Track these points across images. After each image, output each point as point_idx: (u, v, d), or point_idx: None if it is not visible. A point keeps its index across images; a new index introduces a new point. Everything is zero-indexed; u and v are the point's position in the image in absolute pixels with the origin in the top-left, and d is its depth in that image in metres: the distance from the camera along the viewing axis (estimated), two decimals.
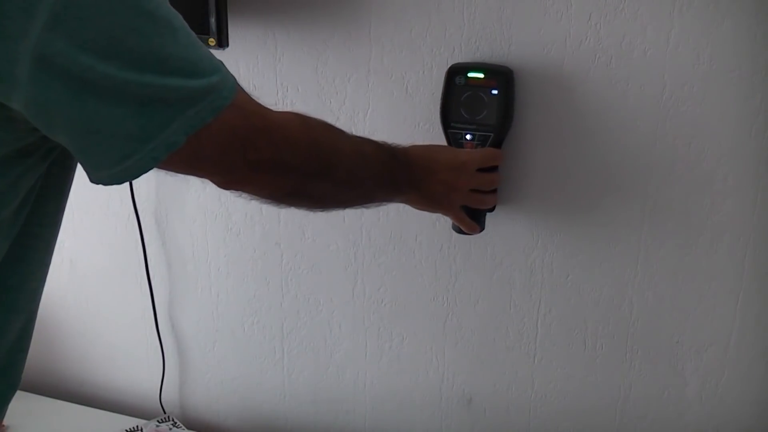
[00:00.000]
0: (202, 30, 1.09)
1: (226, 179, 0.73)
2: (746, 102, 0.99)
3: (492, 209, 1.12)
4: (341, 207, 0.94)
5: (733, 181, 1.03)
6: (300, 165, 0.77)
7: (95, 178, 0.65)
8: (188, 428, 1.40)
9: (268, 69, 1.20)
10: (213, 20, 1.08)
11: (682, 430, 1.15)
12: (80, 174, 0.72)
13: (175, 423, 1.40)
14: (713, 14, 0.97)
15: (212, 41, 1.09)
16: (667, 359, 1.13)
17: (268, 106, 0.74)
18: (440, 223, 1.18)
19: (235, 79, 0.68)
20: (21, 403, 1.47)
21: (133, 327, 1.45)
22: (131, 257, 1.39)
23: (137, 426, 1.39)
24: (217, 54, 1.21)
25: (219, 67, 0.67)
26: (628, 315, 1.13)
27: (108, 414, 1.46)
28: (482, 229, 1.12)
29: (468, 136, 1.07)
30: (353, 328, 1.29)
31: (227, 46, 1.10)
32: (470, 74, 1.07)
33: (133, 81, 0.60)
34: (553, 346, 1.18)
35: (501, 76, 1.06)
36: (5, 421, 1.40)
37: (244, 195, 0.77)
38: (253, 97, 0.71)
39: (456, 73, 1.08)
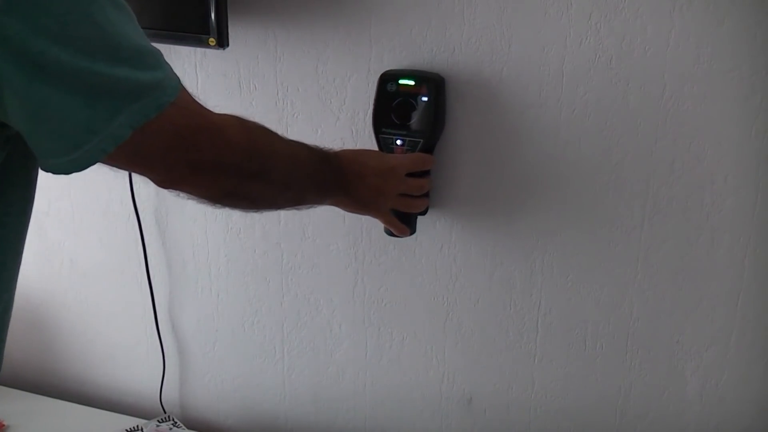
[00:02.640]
0: (202, 30, 1.09)
1: (167, 178, 0.74)
2: (746, 102, 0.99)
3: (424, 212, 1.14)
4: (274, 208, 0.97)
5: (733, 181, 1.03)
6: (238, 166, 0.79)
7: (45, 166, 0.66)
8: (188, 428, 1.40)
9: (268, 69, 1.20)
10: (213, 20, 1.08)
11: (682, 430, 1.15)
12: (81, 175, 0.72)
13: (176, 423, 1.40)
14: (713, 14, 0.97)
15: (212, 41, 1.09)
16: (667, 359, 1.13)
17: (210, 108, 0.75)
18: (440, 223, 1.18)
19: (179, 79, 0.70)
20: (21, 403, 1.48)
21: (133, 326, 1.45)
22: (131, 257, 1.39)
23: (137, 426, 1.39)
24: (217, 54, 1.21)
25: (164, 65, 0.69)
26: (628, 315, 1.13)
27: (108, 414, 1.46)
28: (413, 231, 1.14)
29: (398, 142, 1.10)
30: (353, 328, 1.29)
31: (227, 46, 1.10)
32: (401, 81, 1.09)
33: (84, 68, 0.61)
34: (553, 346, 1.18)
35: (431, 83, 1.08)
36: (5, 421, 1.40)
37: (182, 195, 0.78)
38: (196, 98, 0.73)
39: (387, 80, 1.10)
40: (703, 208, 1.05)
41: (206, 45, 1.09)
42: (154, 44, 1.11)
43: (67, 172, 0.65)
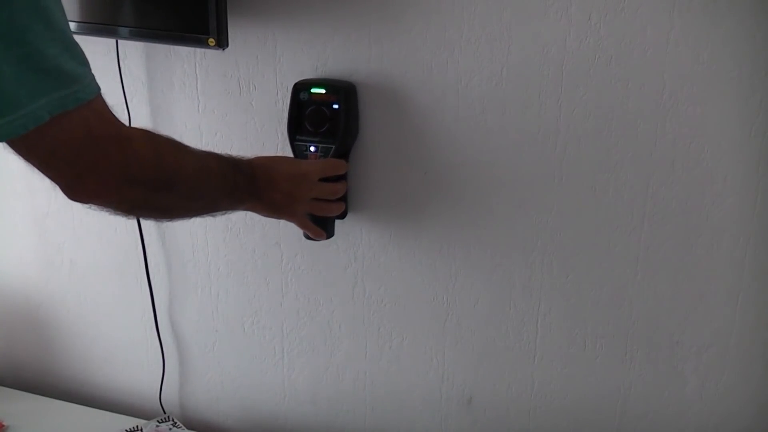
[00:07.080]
0: (202, 30, 1.08)
1: (76, 187, 0.75)
2: (746, 102, 0.99)
3: (342, 216, 1.17)
4: (188, 217, 0.99)
5: (733, 181, 1.03)
6: (146, 179, 0.80)
7: None
8: (188, 428, 1.40)
9: (268, 69, 1.20)
10: (213, 20, 1.08)
11: (682, 430, 1.15)
12: None
13: (175, 423, 1.40)
14: (713, 14, 0.97)
15: (212, 41, 1.09)
16: (667, 359, 1.13)
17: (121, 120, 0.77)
18: (440, 223, 1.18)
19: (99, 86, 0.72)
20: (21, 403, 1.48)
21: (133, 327, 1.45)
22: (131, 257, 1.39)
23: (137, 426, 1.39)
24: (217, 54, 1.21)
25: (87, 65, 0.71)
26: (628, 315, 1.13)
27: (108, 414, 1.46)
28: (330, 235, 1.17)
29: (312, 148, 1.14)
30: (353, 328, 1.29)
31: (227, 46, 1.10)
32: (313, 90, 1.13)
33: (18, 34, 0.64)
34: (553, 346, 1.18)
35: (342, 91, 1.12)
36: (5, 421, 1.40)
37: (93, 207, 0.79)
38: (111, 110, 0.75)
39: (300, 89, 1.14)
40: (703, 208, 1.05)
41: (206, 45, 1.09)
42: (154, 44, 1.13)
43: None
